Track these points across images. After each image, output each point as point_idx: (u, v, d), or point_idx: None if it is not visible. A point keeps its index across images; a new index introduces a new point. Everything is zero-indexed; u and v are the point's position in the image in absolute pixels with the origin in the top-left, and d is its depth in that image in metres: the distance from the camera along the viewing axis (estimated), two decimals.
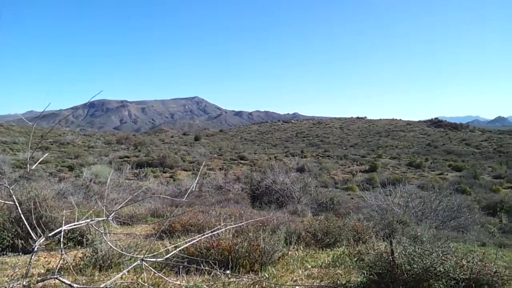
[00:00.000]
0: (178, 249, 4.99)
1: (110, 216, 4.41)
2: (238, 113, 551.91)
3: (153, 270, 4.04)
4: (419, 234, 9.06)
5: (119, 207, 4.57)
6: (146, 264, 4.18)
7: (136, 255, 5.54)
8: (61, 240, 4.26)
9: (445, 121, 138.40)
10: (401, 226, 10.72)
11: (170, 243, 7.05)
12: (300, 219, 11.42)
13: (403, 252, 4.69)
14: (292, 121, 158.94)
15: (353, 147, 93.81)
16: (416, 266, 4.41)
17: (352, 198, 28.78)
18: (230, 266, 5.48)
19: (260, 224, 7.61)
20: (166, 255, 4.78)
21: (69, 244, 7.02)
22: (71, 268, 5.25)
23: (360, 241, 8.05)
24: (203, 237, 4.82)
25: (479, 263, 4.84)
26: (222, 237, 5.89)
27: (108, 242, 4.50)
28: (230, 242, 5.69)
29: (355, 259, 5.71)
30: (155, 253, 5.03)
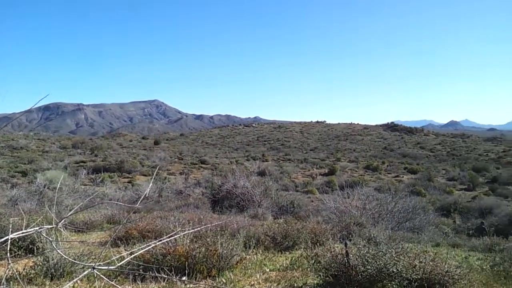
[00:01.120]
0: (131, 256, 4.87)
1: (60, 223, 4.22)
2: (199, 117, 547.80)
3: (105, 278, 3.90)
4: (375, 235, 9.28)
5: (69, 213, 4.39)
6: (98, 273, 4.04)
7: (90, 263, 5.37)
8: (8, 249, 4.05)
9: (401, 125, 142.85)
10: (358, 228, 10.95)
11: (125, 250, 6.88)
12: (260, 223, 11.44)
13: (358, 254, 4.77)
14: (253, 125, 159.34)
15: (313, 151, 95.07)
16: (370, 267, 4.50)
17: (312, 201, 29.10)
18: (186, 272, 5.40)
19: (219, 229, 7.56)
20: (120, 262, 4.64)
21: (18, 253, 6.72)
22: (19, 277, 5.01)
23: (318, 244, 8.15)
24: (158, 243, 4.72)
25: (431, 263, 4.99)
26: (179, 243, 5.80)
27: (58, 251, 4.33)
28: (187, 248, 5.61)
29: (312, 261, 5.76)
30: (108, 260, 4.88)
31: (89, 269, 4.12)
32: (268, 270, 6.24)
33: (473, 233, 21.07)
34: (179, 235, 4.97)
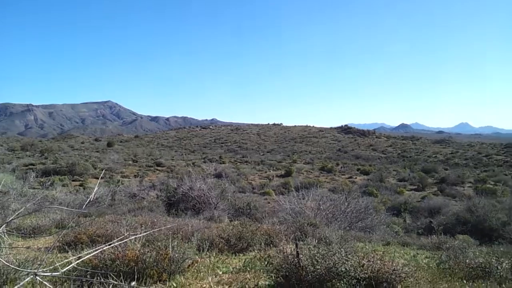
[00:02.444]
0: (77, 262, 4.69)
1: (1, 228, 4.02)
2: (155, 119, 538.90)
3: (48, 285, 3.74)
4: (327, 235, 9.43)
5: (11, 218, 4.18)
6: (41, 279, 3.87)
7: (34, 269, 5.13)
8: None
9: (354, 128, 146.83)
10: (311, 229, 11.08)
11: (73, 255, 6.63)
12: (216, 225, 11.37)
13: (308, 254, 4.83)
14: (211, 127, 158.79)
15: (270, 153, 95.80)
16: (319, 267, 4.57)
17: (269, 203, 29.23)
18: (136, 277, 5.27)
19: (172, 232, 7.44)
20: (65, 268, 4.46)
21: None
22: None
23: (272, 245, 8.19)
24: (106, 247, 4.58)
25: (378, 262, 5.12)
26: (129, 247, 5.65)
27: (0, 257, 4.11)
28: (137, 252, 5.47)
29: (265, 263, 5.77)
30: (53, 266, 4.68)
31: (31, 276, 3.95)
32: (220, 272, 6.20)
33: (422, 232, 21.79)
34: (128, 239, 4.82)
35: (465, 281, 6.48)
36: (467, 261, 7.33)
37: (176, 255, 5.65)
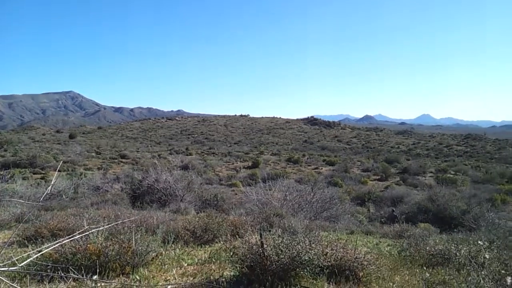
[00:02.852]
0: (36, 256, 4.53)
1: None
2: (119, 110, 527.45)
3: (6, 280, 3.60)
4: (293, 225, 9.53)
5: None
6: None
7: None
8: None
9: (320, 119, 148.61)
10: (278, 219, 11.17)
11: (33, 249, 6.43)
12: (182, 218, 11.28)
13: (272, 244, 4.86)
14: (177, 118, 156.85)
15: (237, 144, 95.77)
16: (283, 256, 4.61)
17: (236, 194, 29.26)
18: (97, 271, 5.15)
19: (136, 225, 7.33)
20: (23, 262, 4.31)
21: None
22: None
23: (238, 236, 8.20)
24: (66, 241, 4.44)
25: (341, 250, 5.21)
26: (90, 241, 5.52)
27: None
28: (99, 246, 5.35)
29: (231, 254, 5.77)
30: (11, 261, 4.52)
31: None
32: (185, 264, 6.16)
33: (385, 220, 22.30)
34: (88, 232, 4.70)
35: (425, 268, 6.67)
36: (427, 248, 7.57)
37: (140, 248, 5.57)
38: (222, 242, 7.48)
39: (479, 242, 6.63)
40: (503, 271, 3.97)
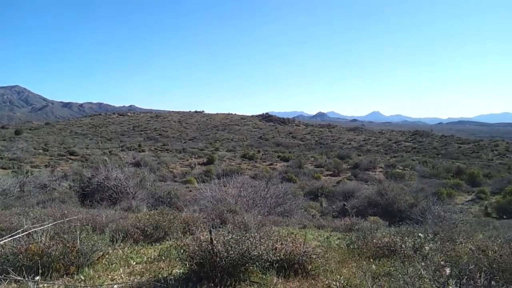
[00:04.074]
0: None
1: None
2: (67, 105, 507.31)
3: None
4: (246, 221, 9.54)
5: None
6: None
7: None
8: None
9: (275, 116, 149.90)
10: (231, 215, 11.15)
11: None
12: (133, 215, 11.02)
13: (222, 240, 4.84)
14: (129, 114, 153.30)
15: (192, 141, 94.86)
16: (233, 252, 4.59)
17: (190, 191, 29.04)
18: (41, 272, 4.93)
19: (82, 224, 7.07)
20: None
21: None
22: None
23: (189, 233, 8.10)
24: (5, 240, 4.21)
25: (290, 244, 5.27)
26: (33, 241, 5.27)
27: None
28: (41, 246, 5.12)
29: (181, 251, 5.69)
30: None
31: None
32: (134, 263, 6.02)
33: (337, 214, 22.84)
34: (29, 231, 4.49)
35: (372, 260, 6.88)
36: (374, 241, 7.80)
37: (85, 247, 5.37)
38: (173, 240, 7.37)
39: (420, 234, 6.90)
40: (442, 262, 4.15)
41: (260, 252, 4.70)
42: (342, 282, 5.14)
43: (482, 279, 4.25)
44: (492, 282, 4.27)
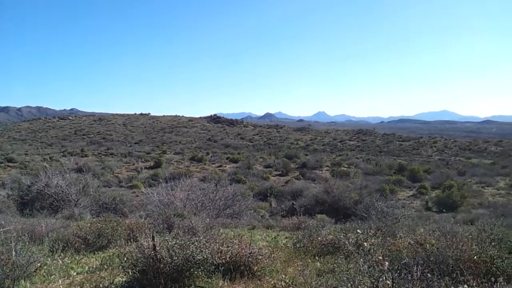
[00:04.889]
0: None
1: None
2: (4, 109, 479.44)
3: None
4: (194, 225, 9.43)
5: None
6: None
7: None
8: None
9: (223, 117, 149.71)
10: (179, 219, 10.99)
11: None
12: (76, 224, 10.60)
13: (165, 245, 4.76)
14: (70, 117, 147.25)
15: (138, 144, 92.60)
16: (177, 257, 4.54)
17: (137, 196, 28.36)
18: None
19: (19, 235, 6.70)
20: None
21: None
22: None
23: (134, 240, 7.90)
24: None
25: (236, 246, 5.28)
26: None
27: None
28: None
29: (124, 259, 5.54)
30: None
31: None
32: (74, 273, 5.80)
33: (285, 214, 23.11)
34: None
35: (317, 257, 7.03)
36: (319, 238, 7.98)
37: (21, 259, 5.11)
38: (116, 248, 7.16)
39: (358, 230, 7.14)
40: (379, 257, 4.30)
41: (205, 256, 4.67)
42: (287, 281, 5.22)
43: (418, 272, 4.45)
44: (428, 274, 4.48)
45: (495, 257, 5.65)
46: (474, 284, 4.42)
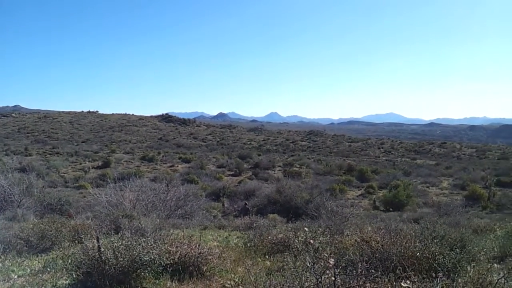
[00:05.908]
0: None
1: None
2: None
3: None
4: (143, 226, 9.26)
5: None
6: None
7: None
8: None
9: (175, 116, 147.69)
10: (127, 220, 10.73)
11: None
12: (19, 225, 10.12)
13: (111, 247, 4.65)
14: (13, 114, 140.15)
15: (85, 143, 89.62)
16: (122, 259, 4.44)
17: (85, 196, 27.47)
18: None
19: None
20: None
21: None
22: None
23: (79, 242, 7.66)
24: None
25: (185, 246, 5.24)
26: None
27: None
28: None
29: (69, 261, 5.36)
30: None
31: None
32: (15, 276, 5.55)
33: (238, 214, 23.18)
34: None
35: (267, 256, 7.11)
36: (270, 237, 8.07)
37: None
38: (60, 250, 6.91)
39: (305, 229, 7.29)
40: (325, 254, 4.42)
41: (153, 257, 4.60)
42: (237, 280, 5.24)
43: (363, 268, 4.60)
44: (372, 270, 4.64)
45: (437, 253, 5.93)
46: (416, 280, 4.62)
